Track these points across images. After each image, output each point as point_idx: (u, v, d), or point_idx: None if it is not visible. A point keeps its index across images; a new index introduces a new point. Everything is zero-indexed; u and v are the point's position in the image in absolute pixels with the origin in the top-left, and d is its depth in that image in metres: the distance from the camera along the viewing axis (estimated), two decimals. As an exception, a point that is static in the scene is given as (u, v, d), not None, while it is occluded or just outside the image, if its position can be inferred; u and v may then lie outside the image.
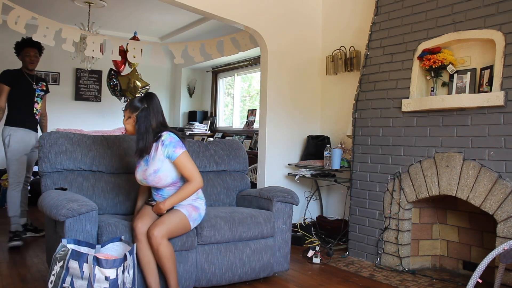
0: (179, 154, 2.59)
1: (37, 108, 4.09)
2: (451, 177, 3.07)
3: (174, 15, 6.17)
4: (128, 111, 2.64)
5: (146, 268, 2.51)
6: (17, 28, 4.07)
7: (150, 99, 2.64)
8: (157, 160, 2.60)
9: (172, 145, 2.59)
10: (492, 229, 2.89)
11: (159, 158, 2.60)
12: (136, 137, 2.61)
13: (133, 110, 2.62)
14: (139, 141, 2.59)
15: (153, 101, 2.64)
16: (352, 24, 4.42)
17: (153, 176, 2.61)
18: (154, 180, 2.62)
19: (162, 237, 2.47)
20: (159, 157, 2.60)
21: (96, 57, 5.55)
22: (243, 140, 6.36)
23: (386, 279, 3.19)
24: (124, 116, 2.67)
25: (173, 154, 2.59)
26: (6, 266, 3.27)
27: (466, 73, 3.12)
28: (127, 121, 2.65)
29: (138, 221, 2.53)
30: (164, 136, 2.61)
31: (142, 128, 2.58)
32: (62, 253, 2.22)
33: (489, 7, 2.96)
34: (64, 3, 5.80)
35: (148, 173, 2.62)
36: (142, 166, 2.66)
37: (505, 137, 2.79)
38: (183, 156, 2.61)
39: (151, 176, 2.61)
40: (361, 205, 3.70)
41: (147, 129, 2.58)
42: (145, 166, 2.64)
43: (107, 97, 7.27)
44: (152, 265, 2.52)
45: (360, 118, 3.77)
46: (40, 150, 2.91)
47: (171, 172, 2.63)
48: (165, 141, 2.59)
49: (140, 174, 2.67)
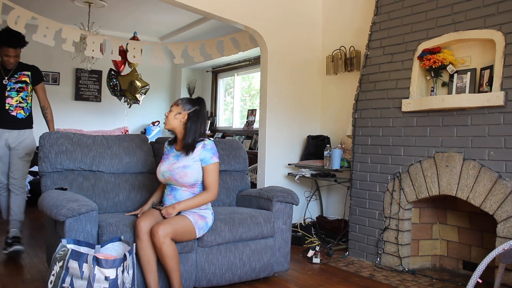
0: (213, 162, 2.73)
1: (12, 104, 3.63)
2: (451, 177, 3.07)
3: (174, 15, 6.17)
4: (181, 107, 2.75)
5: (146, 267, 2.51)
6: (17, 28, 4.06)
7: (203, 104, 2.82)
8: (190, 159, 2.71)
9: (212, 151, 2.74)
10: (492, 229, 2.89)
11: (193, 157, 2.72)
12: (184, 133, 2.72)
13: (186, 107, 2.75)
14: (188, 137, 2.71)
15: (205, 107, 2.83)
16: (352, 24, 4.42)
17: (180, 170, 2.69)
18: (180, 174, 2.68)
19: (165, 236, 2.47)
20: (194, 156, 2.71)
21: (96, 57, 5.54)
22: (243, 140, 6.36)
23: (386, 279, 3.19)
24: (170, 110, 2.76)
25: (209, 160, 2.73)
26: (6, 266, 3.27)
27: (466, 73, 3.12)
28: (175, 116, 2.74)
29: (141, 220, 2.54)
30: (207, 141, 2.77)
31: (193, 126, 2.73)
32: (62, 253, 2.22)
33: (489, 7, 2.95)
34: (64, 3, 5.80)
35: (176, 166, 2.70)
36: (170, 159, 2.76)
37: (505, 137, 2.79)
38: (215, 165, 2.75)
39: (178, 169, 2.69)
40: (361, 205, 3.70)
41: (197, 129, 2.73)
42: (175, 160, 2.74)
43: (107, 97, 7.27)
44: (152, 264, 2.52)
45: (360, 118, 3.77)
46: (40, 150, 2.91)
47: (198, 173, 2.72)
48: (207, 146, 2.74)
49: (166, 166, 2.74)
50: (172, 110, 2.75)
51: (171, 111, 2.76)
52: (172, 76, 8.29)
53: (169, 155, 2.80)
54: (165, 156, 2.83)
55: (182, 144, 2.75)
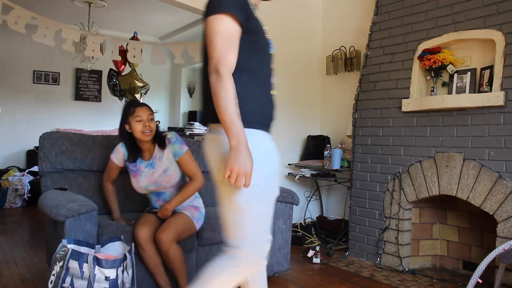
0: (185, 151, 2.63)
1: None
2: (451, 177, 3.07)
3: (174, 15, 6.17)
4: (151, 112, 2.62)
5: (154, 271, 2.51)
6: (17, 28, 4.06)
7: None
8: (165, 160, 2.61)
9: (178, 142, 2.63)
10: (492, 229, 2.89)
11: (167, 156, 2.61)
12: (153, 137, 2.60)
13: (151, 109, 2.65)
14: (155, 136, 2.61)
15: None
16: (352, 24, 4.42)
17: (163, 177, 2.60)
18: (164, 180, 2.61)
19: (171, 242, 2.45)
20: (166, 155, 2.61)
21: (96, 57, 5.54)
22: (243, 140, 6.35)
23: (386, 279, 3.19)
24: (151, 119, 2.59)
25: (180, 151, 2.62)
26: (6, 266, 3.27)
27: (466, 73, 3.12)
28: (152, 121, 2.60)
29: (139, 230, 2.48)
30: (169, 134, 2.65)
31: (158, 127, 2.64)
32: (62, 253, 2.22)
33: (489, 7, 2.95)
34: (64, 3, 5.79)
35: (156, 174, 2.60)
36: (145, 172, 2.62)
37: (505, 137, 2.79)
38: (188, 154, 2.64)
39: (161, 177, 2.60)
40: (361, 205, 3.70)
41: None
42: (151, 169, 2.62)
43: (107, 97, 7.26)
44: (159, 267, 2.52)
45: (360, 118, 3.77)
46: (40, 150, 2.90)
47: (177, 170, 2.65)
48: (172, 139, 2.62)
49: (145, 180, 2.62)
50: (152, 119, 2.61)
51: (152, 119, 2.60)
52: (172, 76, 8.28)
53: (139, 167, 2.64)
54: (135, 170, 2.64)
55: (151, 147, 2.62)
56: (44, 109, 7.00)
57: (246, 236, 1.60)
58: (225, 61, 1.54)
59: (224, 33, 1.56)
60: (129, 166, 2.66)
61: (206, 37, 1.61)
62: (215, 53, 1.55)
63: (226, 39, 1.56)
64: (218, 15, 1.57)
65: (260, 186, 1.59)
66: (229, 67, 1.55)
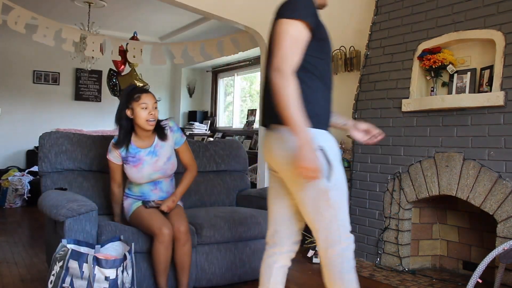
0: (184, 140, 2.65)
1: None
2: (451, 177, 3.07)
3: (174, 15, 6.17)
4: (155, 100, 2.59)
5: (159, 268, 2.48)
6: (17, 28, 4.07)
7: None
8: (168, 147, 2.60)
9: (179, 131, 2.66)
10: (492, 229, 2.89)
11: (170, 144, 2.62)
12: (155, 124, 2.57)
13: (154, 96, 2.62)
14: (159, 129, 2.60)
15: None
16: (352, 24, 4.41)
17: (167, 164, 2.59)
18: (168, 168, 2.60)
19: (188, 233, 2.49)
20: (169, 143, 2.61)
21: (96, 57, 5.55)
22: (243, 140, 6.36)
23: (386, 279, 3.19)
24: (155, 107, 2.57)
25: (181, 140, 2.64)
26: (6, 266, 3.27)
27: (466, 73, 3.12)
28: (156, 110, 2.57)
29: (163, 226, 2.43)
30: (170, 122, 2.64)
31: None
32: (62, 253, 2.22)
33: (489, 7, 2.95)
34: (64, 3, 5.79)
35: (161, 162, 2.58)
36: (147, 160, 2.57)
37: (505, 137, 2.79)
38: (187, 143, 2.68)
39: (166, 165, 2.59)
40: (361, 205, 3.69)
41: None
42: (154, 157, 2.57)
43: (107, 97, 7.27)
44: (167, 265, 2.51)
45: (360, 118, 3.77)
46: (40, 150, 2.90)
47: (176, 159, 2.66)
48: (173, 127, 2.64)
49: (149, 169, 2.56)
50: (156, 107, 2.59)
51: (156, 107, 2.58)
52: (172, 76, 8.29)
53: (140, 156, 2.56)
54: (136, 160, 2.56)
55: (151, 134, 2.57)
56: (44, 109, 7.00)
57: (344, 227, 1.73)
58: (289, 60, 1.57)
59: (294, 35, 1.60)
60: (128, 157, 2.58)
61: (274, 37, 1.64)
62: (280, 52, 1.58)
63: (294, 41, 1.60)
64: (291, 20, 1.61)
65: (344, 180, 1.74)
66: (292, 67, 1.58)
